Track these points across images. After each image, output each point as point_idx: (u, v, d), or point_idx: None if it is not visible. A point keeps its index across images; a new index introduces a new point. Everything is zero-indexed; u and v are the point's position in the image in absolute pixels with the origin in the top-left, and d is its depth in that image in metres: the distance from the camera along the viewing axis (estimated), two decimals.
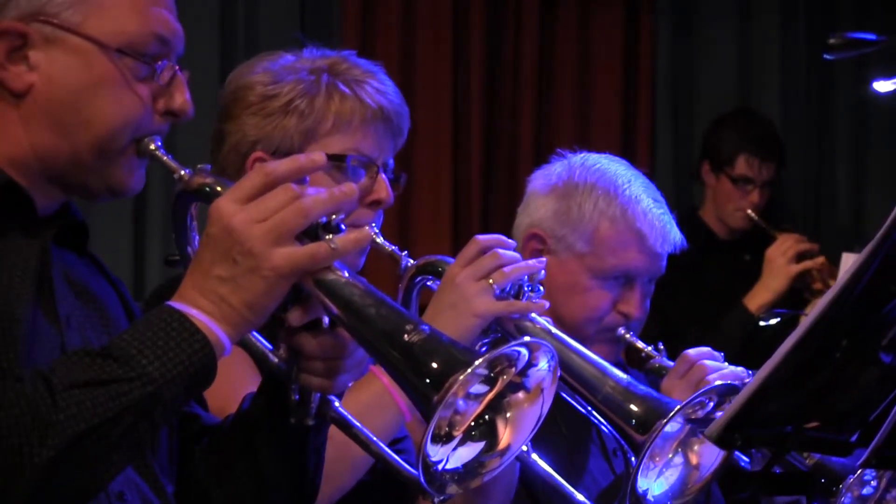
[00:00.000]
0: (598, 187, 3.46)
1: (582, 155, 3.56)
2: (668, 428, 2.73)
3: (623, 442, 2.77)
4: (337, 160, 2.94)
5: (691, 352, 3.30)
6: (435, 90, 6.31)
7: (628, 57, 6.71)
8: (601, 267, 3.44)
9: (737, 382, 3.22)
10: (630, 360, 3.72)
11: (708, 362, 3.27)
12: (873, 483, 3.33)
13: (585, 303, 3.42)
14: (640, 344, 3.46)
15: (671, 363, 3.34)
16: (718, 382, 3.18)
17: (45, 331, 2.28)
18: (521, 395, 2.23)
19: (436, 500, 2.25)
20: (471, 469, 2.23)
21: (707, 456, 2.76)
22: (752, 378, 3.24)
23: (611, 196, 3.46)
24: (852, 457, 2.63)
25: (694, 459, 2.77)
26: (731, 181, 6.03)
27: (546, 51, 6.60)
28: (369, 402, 2.72)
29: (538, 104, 6.56)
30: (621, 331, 3.47)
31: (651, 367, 3.40)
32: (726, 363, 3.30)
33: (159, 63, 2.35)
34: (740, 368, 3.29)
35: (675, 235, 3.52)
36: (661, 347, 3.41)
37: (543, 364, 2.22)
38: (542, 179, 3.54)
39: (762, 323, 3.33)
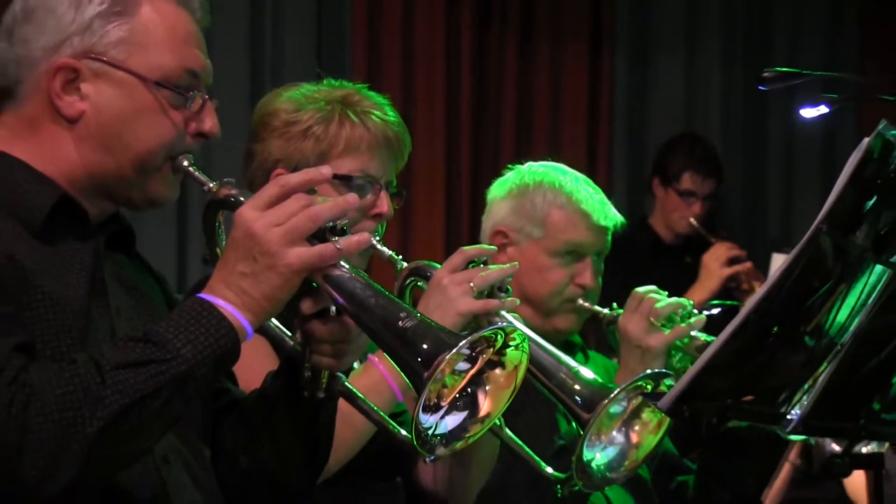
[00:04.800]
0: (544, 183, 3.53)
1: (528, 164, 3.63)
2: (612, 408, 2.73)
3: (573, 419, 2.77)
4: (344, 180, 2.94)
5: (639, 289, 3.37)
6: (430, 117, 6.32)
7: (592, 87, 6.72)
8: (556, 246, 3.49)
9: (680, 310, 3.32)
10: (596, 329, 3.74)
11: (654, 295, 3.33)
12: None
13: (546, 279, 3.46)
14: (598, 308, 3.47)
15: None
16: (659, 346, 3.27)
17: (99, 321, 2.28)
18: (498, 371, 2.23)
19: (427, 460, 2.27)
20: (456, 434, 2.23)
21: (645, 437, 2.77)
22: (697, 318, 3.30)
23: (556, 188, 3.52)
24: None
25: (634, 438, 2.77)
26: (677, 194, 6.06)
27: (523, 84, 6.62)
28: (369, 387, 2.72)
29: (517, 129, 6.59)
30: (580, 300, 3.47)
31: (609, 319, 3.42)
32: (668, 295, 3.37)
33: (191, 93, 2.34)
34: (684, 300, 3.36)
35: (614, 212, 3.57)
36: (616, 306, 3.41)
37: (518, 345, 2.22)
38: (499, 188, 3.62)
39: (706, 312, 3.34)
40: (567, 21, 6.66)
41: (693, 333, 3.32)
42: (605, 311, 3.43)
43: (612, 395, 2.72)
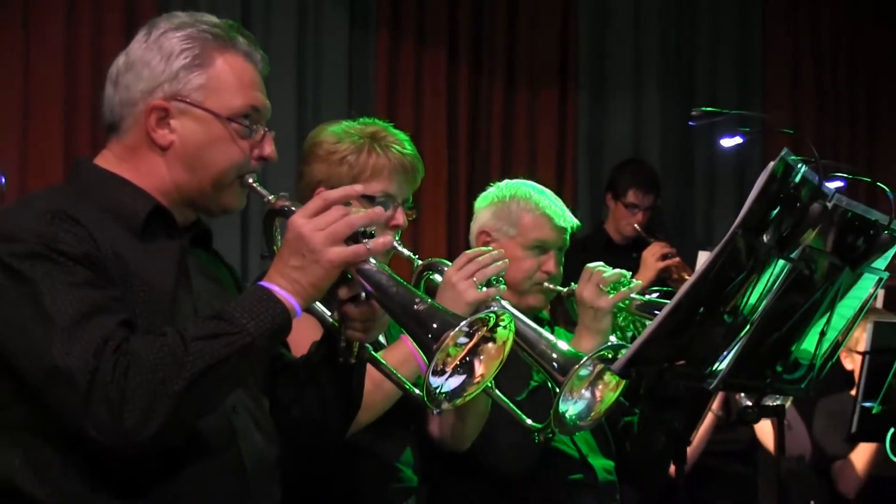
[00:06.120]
0: (518, 194, 3.50)
1: (504, 181, 3.60)
2: (581, 372, 2.72)
3: (551, 381, 2.76)
4: (369, 199, 2.94)
5: (590, 264, 3.33)
6: (435, 145, 6.32)
7: (560, 121, 6.72)
8: (527, 242, 3.46)
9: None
10: (564, 312, 3.72)
11: (601, 268, 3.30)
12: None
13: (520, 267, 3.42)
14: (560, 287, 3.46)
15: None
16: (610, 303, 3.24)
17: (185, 302, 2.27)
18: (490, 344, 2.24)
19: (434, 412, 2.26)
20: (457, 392, 2.23)
21: (606, 394, 2.77)
22: (635, 284, 3.28)
23: (527, 198, 3.49)
24: None
25: (598, 395, 2.77)
26: (624, 206, 6.04)
27: (507, 119, 6.62)
28: (399, 359, 2.72)
29: (503, 154, 6.58)
30: (546, 283, 3.46)
31: (569, 293, 3.39)
32: (612, 268, 3.33)
33: (255, 126, 2.34)
34: (624, 270, 3.31)
35: (571, 216, 3.54)
36: (573, 284, 3.39)
37: (506, 326, 2.23)
38: (483, 199, 3.58)
39: (646, 296, 3.34)
40: (541, 70, 6.66)
41: (632, 296, 3.31)
42: (565, 289, 3.43)
43: (582, 362, 2.71)
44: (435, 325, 2.11)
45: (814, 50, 7.14)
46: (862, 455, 4.53)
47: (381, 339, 2.95)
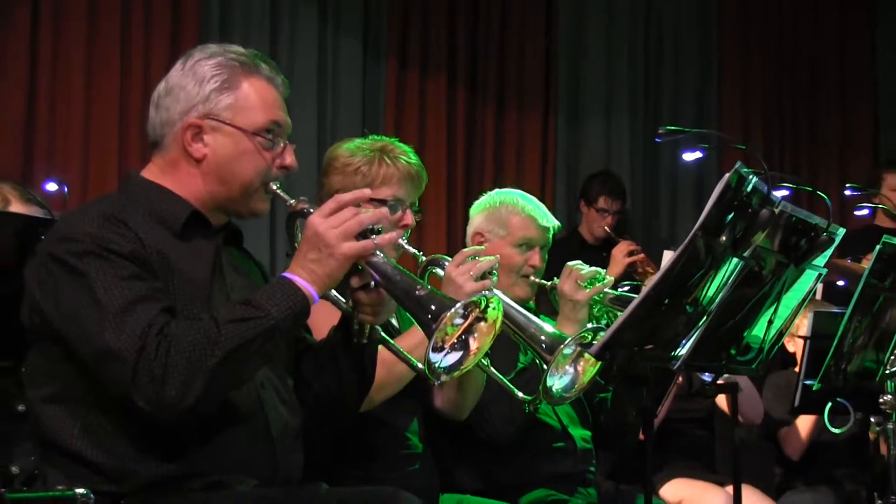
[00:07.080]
0: (506, 200, 3.46)
1: (495, 190, 3.56)
2: (565, 351, 2.70)
3: (539, 359, 2.74)
4: (381, 202, 2.94)
5: (570, 262, 3.29)
6: (436, 161, 6.27)
7: (543, 138, 6.69)
8: (515, 240, 3.43)
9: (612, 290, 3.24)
10: (546, 302, 3.69)
11: (579, 265, 3.27)
12: None
13: (509, 262, 3.39)
14: (544, 281, 3.42)
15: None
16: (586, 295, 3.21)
17: (218, 293, 2.27)
18: (483, 324, 2.23)
19: (435, 384, 2.25)
20: (454, 366, 2.22)
21: (587, 369, 2.74)
22: (608, 280, 3.23)
23: (514, 203, 3.45)
24: None
25: (580, 370, 2.75)
26: (595, 211, 6.03)
27: (498, 136, 6.60)
28: (412, 343, 2.69)
29: (494, 166, 6.56)
30: (532, 276, 3.43)
31: (552, 286, 3.36)
32: (588, 265, 3.29)
33: (277, 139, 2.34)
34: (599, 268, 3.27)
35: (553, 218, 3.50)
36: (556, 279, 3.36)
37: (495, 307, 2.22)
38: (476, 206, 3.54)
39: (618, 291, 3.33)
40: (527, 95, 6.64)
41: (606, 290, 3.28)
42: (549, 283, 3.41)
43: (566, 343, 2.69)
44: (433, 308, 2.10)
45: (763, 78, 7.14)
46: (805, 423, 4.52)
47: (394, 321, 2.93)
